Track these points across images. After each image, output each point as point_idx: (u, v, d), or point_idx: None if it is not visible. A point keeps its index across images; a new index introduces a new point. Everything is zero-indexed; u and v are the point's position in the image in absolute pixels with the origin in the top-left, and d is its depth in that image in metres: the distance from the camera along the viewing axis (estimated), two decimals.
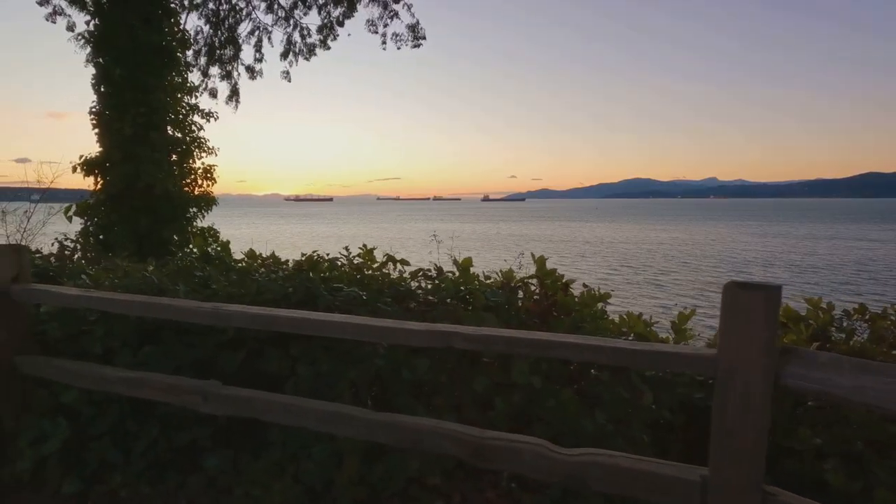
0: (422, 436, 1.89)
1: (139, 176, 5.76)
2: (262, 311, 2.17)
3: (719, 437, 1.49)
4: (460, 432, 1.84)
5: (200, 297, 3.05)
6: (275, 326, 2.12)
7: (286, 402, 2.17)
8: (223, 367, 2.88)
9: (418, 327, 1.88)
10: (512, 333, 1.77)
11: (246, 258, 3.83)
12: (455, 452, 1.84)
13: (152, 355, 2.83)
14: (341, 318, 2.04)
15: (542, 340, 1.72)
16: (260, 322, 2.15)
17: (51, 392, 2.82)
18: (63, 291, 2.64)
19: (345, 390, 2.72)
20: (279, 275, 3.18)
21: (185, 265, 3.47)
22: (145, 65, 5.92)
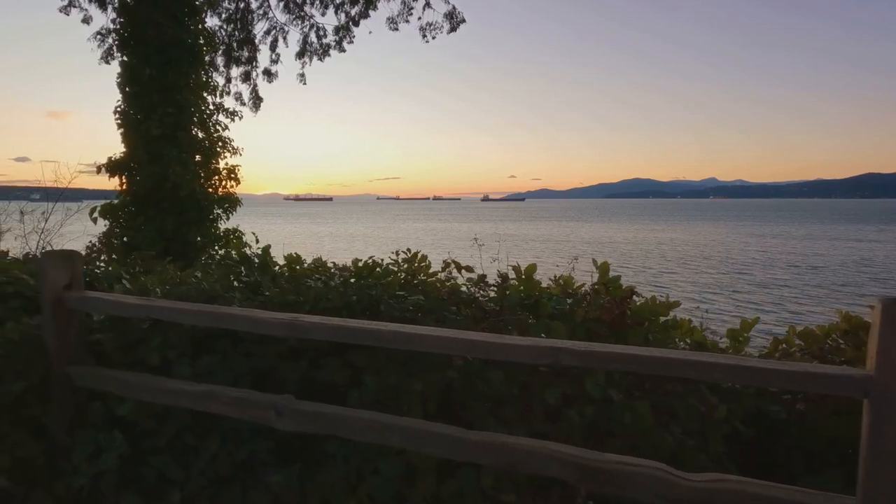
0: (526, 457, 1.79)
1: (166, 177, 5.65)
2: (344, 323, 2.07)
3: (873, 463, 1.40)
4: (570, 454, 1.74)
5: (253, 304, 2.95)
6: (365, 340, 2.02)
7: (369, 419, 2.07)
8: (283, 378, 2.78)
9: (524, 343, 1.78)
10: (627, 350, 1.68)
11: (288, 263, 3.73)
12: (562, 475, 1.75)
13: (211, 366, 2.73)
14: (445, 332, 1.95)
15: (663, 359, 1.62)
16: (343, 335, 2.05)
17: (104, 404, 2.71)
18: (122, 300, 2.53)
19: (413, 403, 2.62)
20: (335, 281, 3.08)
21: (231, 270, 3.37)
22: (173, 64, 5.80)
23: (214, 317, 2.29)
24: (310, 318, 2.13)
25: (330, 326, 2.05)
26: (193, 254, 5.84)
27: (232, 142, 6.38)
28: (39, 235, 7.85)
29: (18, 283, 3.19)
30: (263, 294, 3.06)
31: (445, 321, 2.72)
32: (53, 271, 2.62)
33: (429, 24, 8.42)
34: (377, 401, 2.67)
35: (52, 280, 2.63)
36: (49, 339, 2.66)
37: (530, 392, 2.69)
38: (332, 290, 2.88)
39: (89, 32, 8.00)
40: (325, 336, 2.09)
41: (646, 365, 1.61)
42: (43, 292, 2.65)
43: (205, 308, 2.36)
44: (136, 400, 2.62)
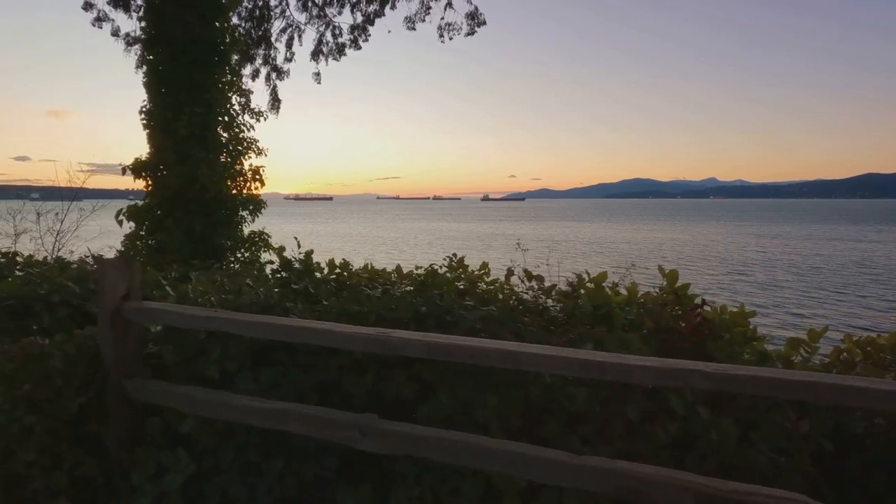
0: (645, 485, 1.68)
1: (195, 178, 5.51)
2: (438, 340, 1.95)
3: None
4: (697, 483, 1.63)
5: (313, 315, 2.83)
6: (462, 357, 1.90)
7: (465, 442, 1.95)
8: (348, 392, 2.66)
9: (650, 363, 1.67)
10: (770, 374, 1.56)
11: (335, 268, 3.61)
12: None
13: (273, 380, 2.61)
14: (554, 351, 1.83)
15: (807, 383, 1.50)
16: (438, 352, 1.93)
17: (163, 420, 2.59)
18: (188, 311, 2.41)
19: (490, 420, 2.50)
20: (396, 290, 2.96)
21: (285, 278, 3.25)
22: (201, 63, 5.67)
23: (293, 331, 2.16)
24: (400, 334, 2.01)
25: (424, 343, 1.93)
26: (221, 257, 5.70)
27: (257, 142, 6.26)
28: (56, 237, 7.71)
29: (64, 291, 3.06)
30: (321, 304, 2.93)
31: (521, 334, 2.60)
32: (112, 280, 2.50)
33: (448, 25, 8.30)
34: (448, 417, 2.56)
35: (111, 289, 2.50)
36: (106, 352, 2.54)
37: (609, 408, 2.58)
38: (397, 301, 2.75)
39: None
40: (419, 353, 1.97)
41: (792, 390, 1.49)
42: (101, 302, 2.52)
43: (281, 322, 2.23)
44: (198, 416, 2.50)
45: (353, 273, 3.48)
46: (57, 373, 2.41)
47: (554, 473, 1.79)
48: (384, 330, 2.08)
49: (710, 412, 2.47)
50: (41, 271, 3.26)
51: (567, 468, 1.77)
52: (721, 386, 1.57)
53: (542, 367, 1.80)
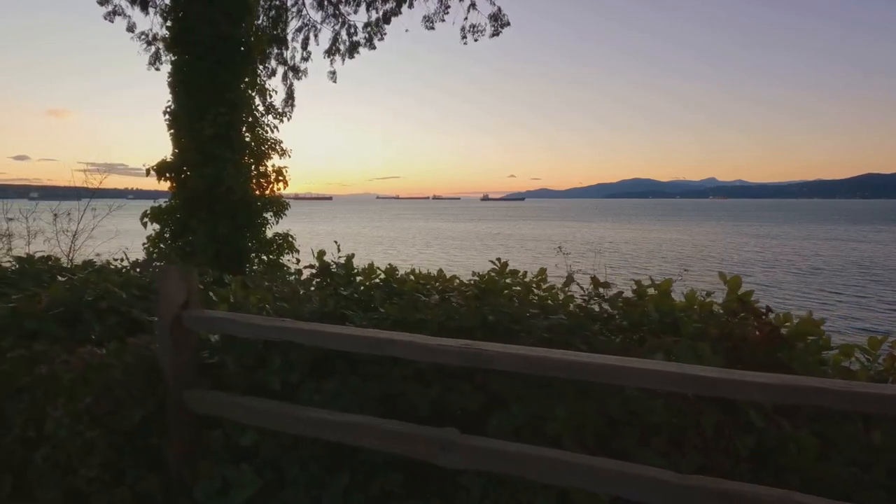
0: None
1: (221, 179, 5.42)
2: (533, 353, 1.88)
3: None
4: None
5: (370, 323, 2.75)
6: (558, 373, 1.82)
7: (555, 459, 1.87)
8: (412, 404, 2.58)
9: (767, 380, 1.59)
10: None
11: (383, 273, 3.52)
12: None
13: (336, 391, 2.53)
14: (657, 366, 1.75)
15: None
16: (533, 366, 1.85)
17: (224, 432, 2.51)
18: (254, 321, 2.33)
19: (562, 432, 2.42)
20: (455, 297, 2.88)
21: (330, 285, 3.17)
22: (227, 62, 5.57)
23: (370, 342, 2.08)
24: (493, 347, 1.93)
25: (521, 357, 1.85)
26: (245, 260, 5.62)
27: (281, 143, 6.16)
28: (72, 238, 7.61)
29: (111, 298, 2.97)
30: (377, 311, 2.85)
31: (593, 343, 2.52)
32: (172, 288, 2.41)
33: (472, 27, 8.20)
34: (516, 431, 2.48)
35: (171, 298, 2.42)
36: (164, 362, 2.45)
37: (684, 420, 2.51)
38: (461, 308, 2.68)
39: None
40: (515, 367, 1.90)
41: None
42: (160, 310, 2.44)
43: (367, 334, 2.15)
44: (260, 429, 2.42)
45: (399, 278, 3.41)
46: (118, 384, 2.33)
47: (655, 493, 1.72)
48: (470, 342, 2.01)
49: (790, 424, 2.40)
50: (83, 276, 3.18)
51: (674, 489, 1.70)
52: (852, 405, 1.50)
53: (649, 383, 1.72)
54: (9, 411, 2.41)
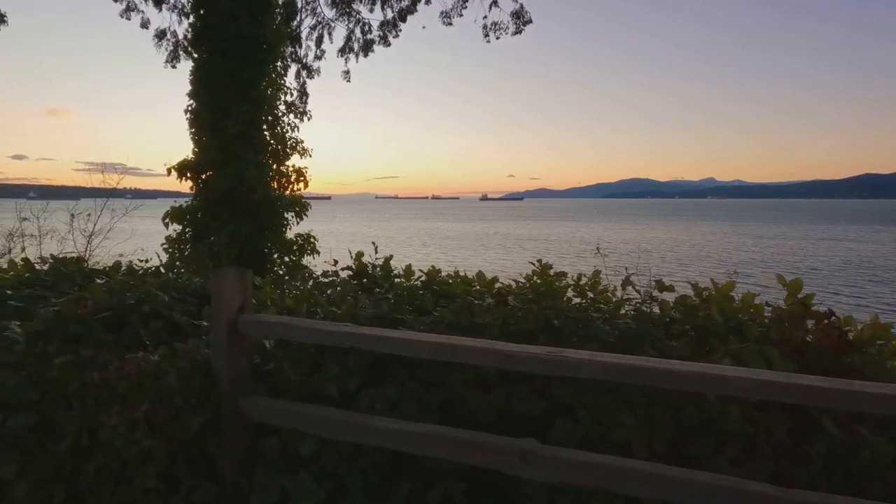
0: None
1: (243, 179, 5.32)
2: (621, 360, 1.79)
3: None
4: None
5: (422, 327, 2.66)
6: (646, 381, 1.74)
7: (649, 472, 1.79)
8: (472, 410, 2.50)
9: (880, 390, 1.51)
10: None
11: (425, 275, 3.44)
12: None
13: (396, 398, 2.44)
14: (773, 376, 1.67)
15: None
16: (626, 374, 1.77)
17: (280, 440, 2.42)
18: (317, 326, 2.24)
19: (632, 440, 2.35)
20: (511, 299, 2.80)
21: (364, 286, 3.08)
22: (250, 59, 5.47)
23: (446, 349, 2.00)
24: (577, 354, 1.85)
25: (610, 364, 1.77)
26: (266, 261, 5.52)
27: (302, 143, 6.06)
28: (88, 238, 7.50)
29: (153, 301, 2.88)
30: (431, 314, 2.77)
31: (661, 349, 2.45)
32: (229, 292, 2.33)
33: (494, 24, 8.11)
34: (583, 439, 2.40)
35: (227, 301, 2.34)
36: (220, 368, 2.37)
37: (756, 427, 2.44)
38: (520, 312, 2.59)
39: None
40: (604, 375, 1.82)
41: None
42: (216, 315, 2.35)
43: (436, 339, 2.07)
44: (319, 437, 2.33)
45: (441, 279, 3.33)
46: (174, 391, 2.24)
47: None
48: (555, 350, 1.92)
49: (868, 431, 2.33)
50: (122, 279, 3.09)
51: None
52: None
53: (753, 392, 1.64)
54: (59, 419, 2.32)
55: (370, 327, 2.31)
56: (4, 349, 2.42)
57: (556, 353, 1.86)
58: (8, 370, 2.38)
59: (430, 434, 2.04)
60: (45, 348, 2.44)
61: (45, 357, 2.42)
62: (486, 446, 1.96)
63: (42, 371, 2.36)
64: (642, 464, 1.84)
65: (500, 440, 1.97)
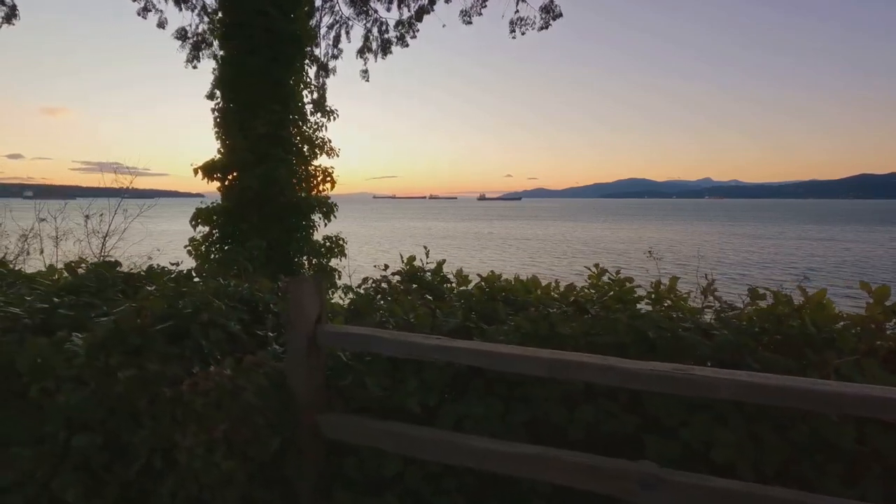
0: None
1: (274, 179, 5.16)
2: (756, 379, 1.66)
3: None
4: None
5: (496, 337, 2.52)
6: (791, 401, 1.60)
7: (792, 500, 1.65)
8: (557, 428, 2.36)
9: None
10: None
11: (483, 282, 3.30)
12: None
13: (482, 414, 2.30)
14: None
15: None
16: (758, 393, 1.63)
17: (359, 460, 2.27)
18: (409, 339, 2.09)
19: (733, 460, 2.21)
20: (592, 307, 2.66)
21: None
22: (280, 57, 5.31)
23: (555, 365, 1.85)
24: (711, 373, 1.71)
25: (746, 384, 1.63)
26: (294, 264, 5.36)
27: (330, 142, 5.90)
28: (103, 241, 7.32)
29: (209, 309, 2.73)
30: (504, 324, 2.62)
31: (765, 362, 2.31)
32: (307, 301, 2.18)
33: (520, 20, 7.96)
34: (681, 459, 2.27)
35: (306, 312, 2.19)
36: (297, 383, 2.22)
37: (864, 445, 2.30)
38: (611, 322, 2.45)
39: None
40: (742, 396, 1.67)
41: None
42: (295, 326, 2.20)
43: (542, 355, 1.92)
44: (404, 457, 2.19)
45: (501, 285, 3.20)
46: (254, 409, 2.09)
47: None
48: (688, 367, 1.78)
49: None
50: (175, 286, 2.93)
51: None
52: None
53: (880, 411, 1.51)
54: (127, 437, 2.17)
55: (466, 341, 2.16)
56: (65, 362, 2.27)
57: (685, 372, 1.72)
58: (69, 385, 2.23)
59: (536, 456, 1.90)
60: (107, 361, 2.28)
61: (107, 371, 2.26)
62: (602, 471, 1.83)
63: (106, 386, 2.21)
64: (785, 492, 1.71)
65: (616, 463, 1.83)
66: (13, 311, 2.61)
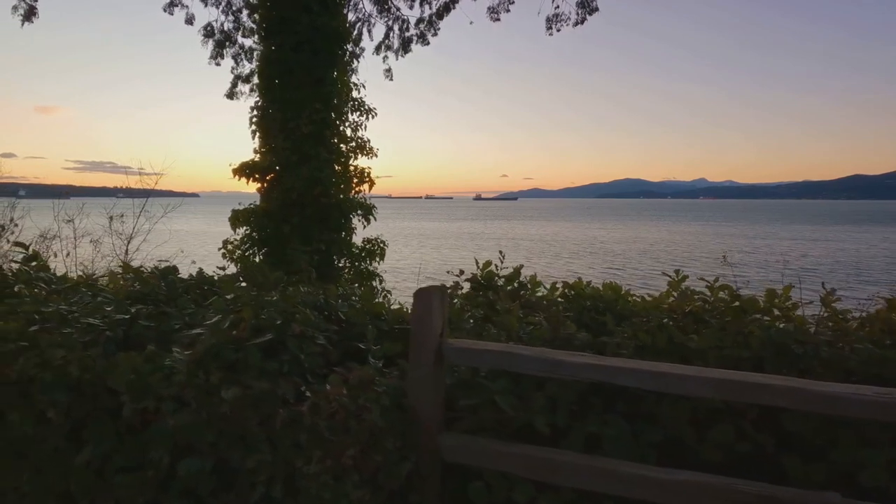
0: None
1: (317, 180, 4.96)
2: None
3: None
4: None
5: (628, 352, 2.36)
6: None
7: None
8: (689, 449, 2.20)
9: None
10: None
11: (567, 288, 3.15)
12: None
13: (616, 435, 2.14)
14: None
15: None
16: None
17: (486, 485, 2.10)
18: (557, 357, 1.93)
19: (885, 482, 2.06)
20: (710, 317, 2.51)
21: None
22: (321, 54, 5.11)
23: (729, 387, 1.69)
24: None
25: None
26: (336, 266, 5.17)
27: (369, 142, 5.70)
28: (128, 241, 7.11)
29: (303, 321, 2.54)
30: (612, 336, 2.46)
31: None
32: (434, 314, 2.01)
33: (556, 16, 7.79)
34: (825, 481, 2.12)
35: (431, 325, 2.02)
36: (421, 402, 2.05)
37: None
38: (743, 336, 2.30)
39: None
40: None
41: None
42: (420, 341, 2.03)
43: (714, 375, 1.76)
44: (536, 482, 2.02)
45: (591, 294, 3.04)
46: (383, 432, 1.91)
47: None
48: (887, 389, 1.63)
49: None
50: (257, 294, 2.74)
51: None
52: None
53: None
54: (236, 462, 1.99)
55: (615, 358, 2.00)
56: (163, 380, 2.08)
57: (891, 395, 1.57)
58: (170, 405, 2.04)
59: (705, 485, 1.74)
60: (207, 378, 2.10)
61: (208, 389, 2.08)
62: (783, 501, 1.66)
63: (210, 406, 2.03)
64: None
65: (802, 495, 1.67)
66: (92, 322, 2.42)
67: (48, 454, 2.17)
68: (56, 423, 2.16)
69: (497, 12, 8.37)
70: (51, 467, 2.15)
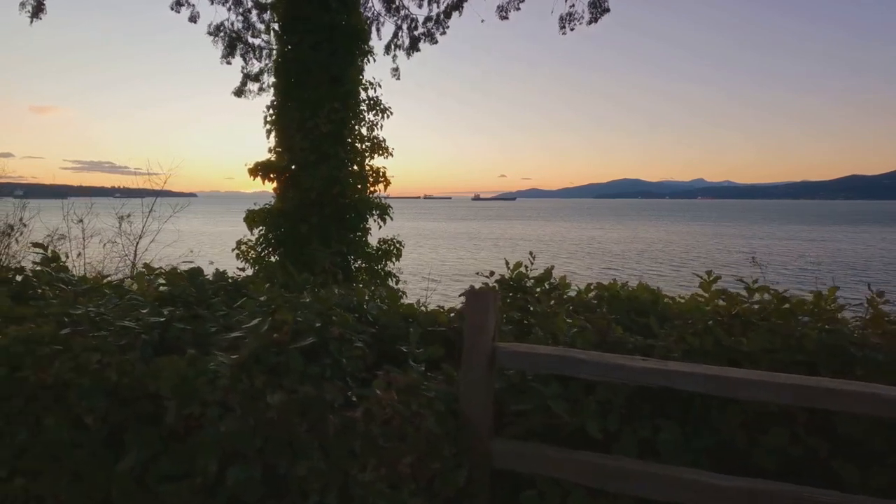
0: None
1: (337, 180, 4.90)
2: None
3: None
4: None
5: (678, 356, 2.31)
6: None
7: None
8: (743, 453, 2.16)
9: None
10: None
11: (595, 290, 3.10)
12: None
13: (671, 441, 2.09)
14: None
15: None
16: None
17: (539, 493, 2.05)
18: (619, 362, 1.87)
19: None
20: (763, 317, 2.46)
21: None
22: (340, 52, 5.05)
23: (813, 394, 1.64)
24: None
25: None
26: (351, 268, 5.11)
27: (384, 142, 5.64)
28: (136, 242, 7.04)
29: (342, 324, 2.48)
30: (657, 339, 2.41)
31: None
32: (487, 317, 1.95)
33: (570, 15, 7.75)
34: (886, 485, 2.07)
35: (484, 329, 1.97)
36: (474, 407, 2.00)
37: None
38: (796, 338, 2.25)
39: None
40: None
41: None
42: (473, 344, 1.98)
43: (793, 381, 1.71)
44: (588, 489, 1.97)
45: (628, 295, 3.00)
46: (439, 439, 1.86)
47: None
48: None
49: None
50: (292, 296, 2.69)
51: None
52: None
53: None
54: (283, 469, 1.93)
55: (683, 363, 1.95)
56: (207, 384, 2.03)
57: None
58: (215, 411, 1.99)
59: (779, 493, 1.69)
60: (251, 383, 2.04)
61: (253, 394, 2.02)
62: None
63: (257, 412, 1.97)
64: None
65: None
66: (127, 324, 2.36)
67: (85, 460, 2.11)
68: (93, 429, 2.10)
69: (507, 10, 8.33)
70: (89, 473, 2.09)
